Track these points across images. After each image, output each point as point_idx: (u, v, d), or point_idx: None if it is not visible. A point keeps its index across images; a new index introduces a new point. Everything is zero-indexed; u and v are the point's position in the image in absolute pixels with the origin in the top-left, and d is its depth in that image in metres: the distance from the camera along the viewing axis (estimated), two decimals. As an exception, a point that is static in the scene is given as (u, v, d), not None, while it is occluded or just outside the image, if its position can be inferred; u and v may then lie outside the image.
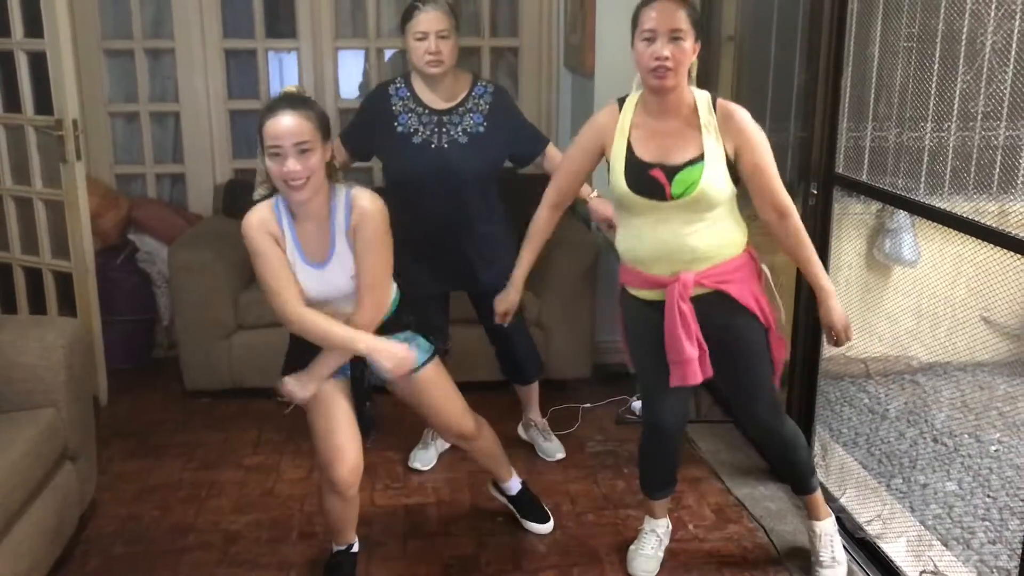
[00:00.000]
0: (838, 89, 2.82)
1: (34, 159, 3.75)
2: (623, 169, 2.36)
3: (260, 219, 2.33)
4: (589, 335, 3.90)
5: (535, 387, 3.38)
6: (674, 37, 2.23)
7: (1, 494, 2.28)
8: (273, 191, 2.38)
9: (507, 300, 2.74)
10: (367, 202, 2.34)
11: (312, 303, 2.36)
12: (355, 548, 2.68)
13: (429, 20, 2.84)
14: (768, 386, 2.53)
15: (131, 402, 3.87)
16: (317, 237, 2.34)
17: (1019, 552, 2.65)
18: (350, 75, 4.57)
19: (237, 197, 4.34)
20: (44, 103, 3.62)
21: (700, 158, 2.31)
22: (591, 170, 2.54)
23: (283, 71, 4.58)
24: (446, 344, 2.63)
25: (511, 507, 2.94)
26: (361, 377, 2.44)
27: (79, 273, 3.73)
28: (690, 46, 2.26)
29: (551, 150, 3.09)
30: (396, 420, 3.33)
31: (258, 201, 2.40)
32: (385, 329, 2.45)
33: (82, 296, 3.74)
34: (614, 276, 2.66)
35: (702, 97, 2.37)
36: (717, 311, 2.41)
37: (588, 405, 3.78)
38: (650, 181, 2.32)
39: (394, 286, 2.52)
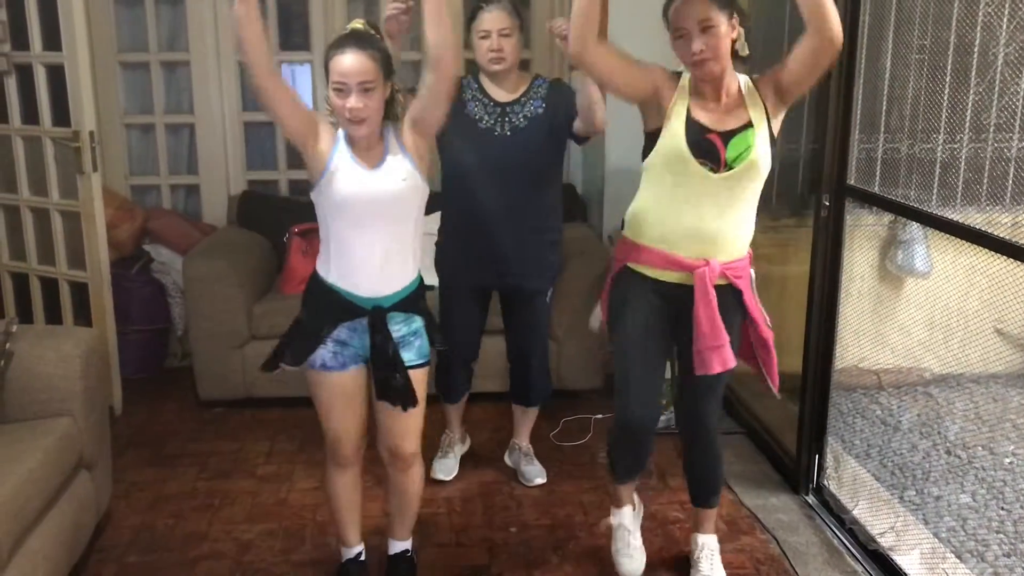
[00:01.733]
0: (850, 101, 2.83)
1: (51, 170, 3.78)
2: (683, 129, 2.34)
3: (324, 122, 2.38)
4: (601, 346, 3.90)
5: (533, 414, 3.36)
6: (704, 27, 2.25)
7: (18, 503, 2.30)
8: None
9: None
10: (407, 115, 2.38)
11: (357, 207, 2.33)
12: (363, 556, 2.68)
13: (492, 19, 2.91)
14: (721, 395, 2.57)
15: (145, 412, 3.90)
16: (369, 151, 2.36)
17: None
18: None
19: (251, 208, 4.38)
20: (61, 115, 3.66)
21: (749, 124, 2.34)
22: (638, 83, 2.41)
23: (297, 83, 4.62)
24: (444, 344, 2.61)
25: (387, 566, 2.73)
26: (384, 347, 2.39)
27: (95, 283, 3.76)
28: (724, 29, 2.27)
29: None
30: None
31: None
32: (406, 306, 2.43)
33: (97, 306, 3.77)
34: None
35: (743, 78, 2.40)
36: (725, 304, 2.43)
37: (600, 416, 3.78)
38: (708, 144, 2.33)
39: (418, 265, 2.50)
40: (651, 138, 2.42)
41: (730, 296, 2.45)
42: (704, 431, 2.61)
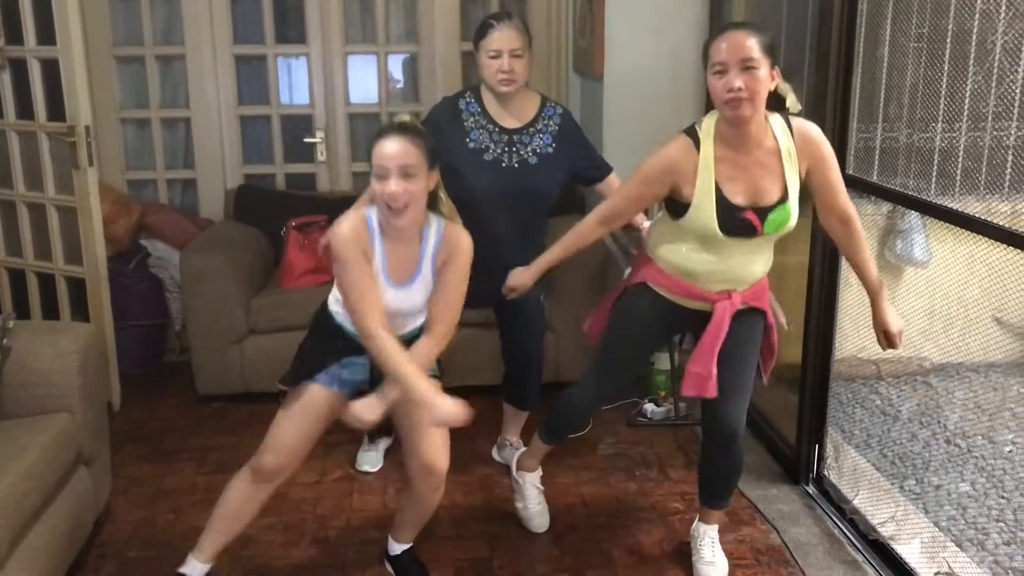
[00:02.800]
0: (848, 90, 2.82)
1: (47, 165, 3.77)
2: (715, 213, 2.31)
3: (354, 231, 2.31)
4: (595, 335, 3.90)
5: (525, 414, 3.35)
6: (746, 67, 2.20)
7: (16, 499, 2.29)
8: None
9: (522, 277, 2.78)
10: (464, 236, 2.39)
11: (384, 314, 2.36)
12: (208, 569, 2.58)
13: (503, 39, 2.82)
14: (748, 399, 2.55)
15: (144, 407, 3.89)
16: (404, 260, 2.36)
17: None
18: (360, 80, 4.58)
19: (248, 202, 4.37)
20: (56, 110, 3.65)
21: (786, 196, 2.33)
22: (652, 203, 2.54)
23: (293, 76, 4.61)
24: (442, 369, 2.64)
25: (389, 565, 2.74)
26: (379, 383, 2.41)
27: (92, 279, 3.75)
28: (765, 74, 2.22)
29: (613, 178, 3.09)
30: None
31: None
32: (412, 339, 2.43)
33: (95, 301, 3.76)
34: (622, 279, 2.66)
35: (776, 122, 2.34)
36: (746, 320, 2.47)
37: (599, 408, 3.78)
38: (743, 223, 2.32)
39: None
40: (677, 204, 2.39)
41: (752, 313, 2.49)
42: (726, 433, 2.53)
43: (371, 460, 3.34)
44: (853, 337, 3.18)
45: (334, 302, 2.47)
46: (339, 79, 4.49)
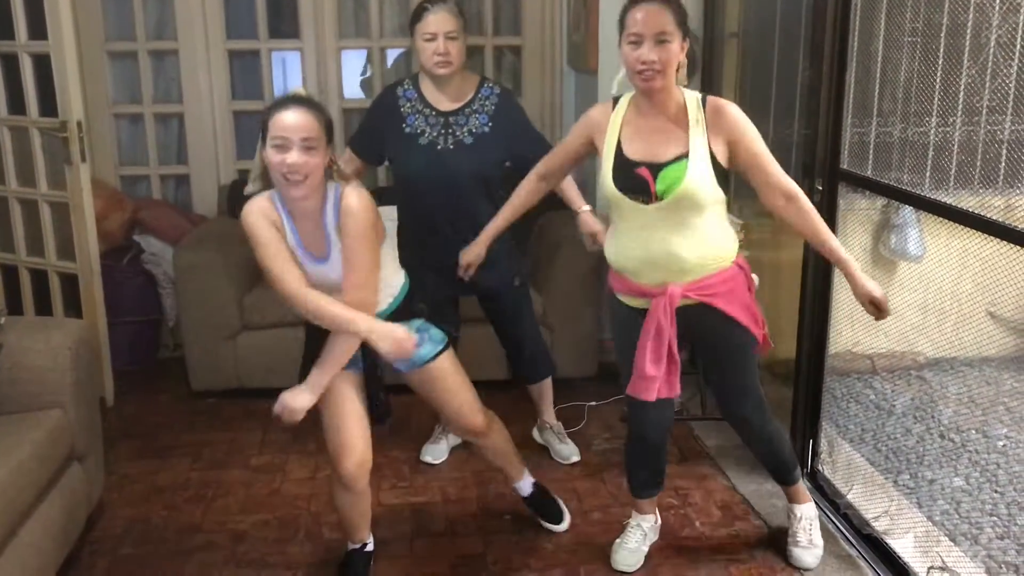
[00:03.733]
0: (842, 85, 2.82)
1: (39, 161, 3.75)
2: (611, 167, 2.37)
3: (260, 208, 2.34)
4: (594, 333, 3.90)
5: (548, 387, 3.37)
6: (660, 40, 2.23)
7: (9, 495, 2.28)
8: (264, 189, 2.39)
9: (471, 253, 2.83)
10: (353, 199, 2.31)
11: (324, 291, 2.35)
12: (369, 547, 2.69)
13: (438, 21, 2.85)
14: (754, 386, 2.55)
15: (137, 403, 3.88)
16: (315, 235, 2.35)
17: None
18: (353, 75, 4.57)
19: (241, 198, 4.34)
20: (48, 105, 3.63)
21: (684, 156, 2.31)
22: (583, 155, 2.55)
23: (286, 71, 4.59)
24: (457, 332, 2.63)
25: (527, 507, 2.92)
26: (374, 365, 2.44)
27: (84, 275, 3.74)
28: (676, 47, 2.26)
29: None
30: (402, 420, 3.34)
31: (248, 196, 2.40)
32: (396, 316, 2.44)
33: (87, 297, 3.75)
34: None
35: (691, 96, 2.37)
36: (703, 321, 2.43)
37: (594, 403, 3.78)
38: (636, 179, 2.33)
39: (402, 274, 2.52)
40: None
41: (708, 313, 2.41)
42: (743, 423, 2.61)
43: (435, 452, 3.34)
44: (847, 332, 3.18)
45: None
46: (333, 74, 4.48)
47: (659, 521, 2.84)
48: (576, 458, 3.34)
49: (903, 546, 2.68)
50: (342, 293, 2.34)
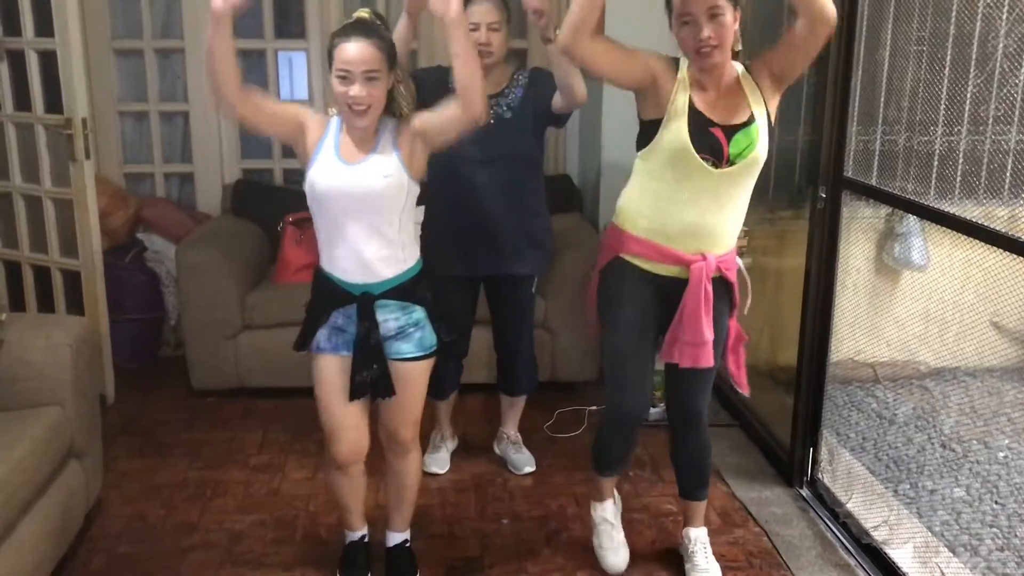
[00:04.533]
0: (847, 92, 2.81)
1: (44, 158, 3.76)
2: (687, 123, 2.28)
3: (314, 115, 2.40)
4: (595, 337, 3.89)
5: (521, 403, 3.35)
6: (713, 15, 2.20)
7: (7, 492, 2.28)
8: None
9: None
10: (413, 120, 2.36)
11: (330, 200, 2.34)
12: (367, 538, 2.69)
13: (482, 12, 2.87)
14: (713, 373, 2.53)
15: (138, 401, 3.88)
16: (359, 145, 2.35)
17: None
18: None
19: (245, 197, 4.36)
20: (54, 102, 3.63)
21: (752, 119, 2.30)
22: (636, 75, 2.34)
23: (293, 71, 4.59)
24: (451, 334, 2.58)
25: (385, 555, 2.72)
26: (367, 337, 2.39)
27: (87, 272, 3.74)
28: (730, 18, 2.22)
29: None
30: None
31: None
32: (400, 295, 2.41)
33: (90, 295, 3.75)
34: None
35: (739, 68, 2.35)
36: (718, 298, 2.42)
37: (594, 407, 3.77)
38: (711, 139, 2.28)
39: (418, 251, 2.50)
40: (649, 128, 2.35)
41: (723, 289, 2.44)
42: (693, 419, 2.58)
43: (439, 462, 3.33)
44: (849, 340, 3.18)
45: (318, 252, 2.47)
46: (338, 74, 4.47)
47: (619, 501, 2.85)
48: (530, 468, 3.30)
49: (902, 556, 2.67)
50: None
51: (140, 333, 4.25)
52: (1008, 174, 2.79)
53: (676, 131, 2.29)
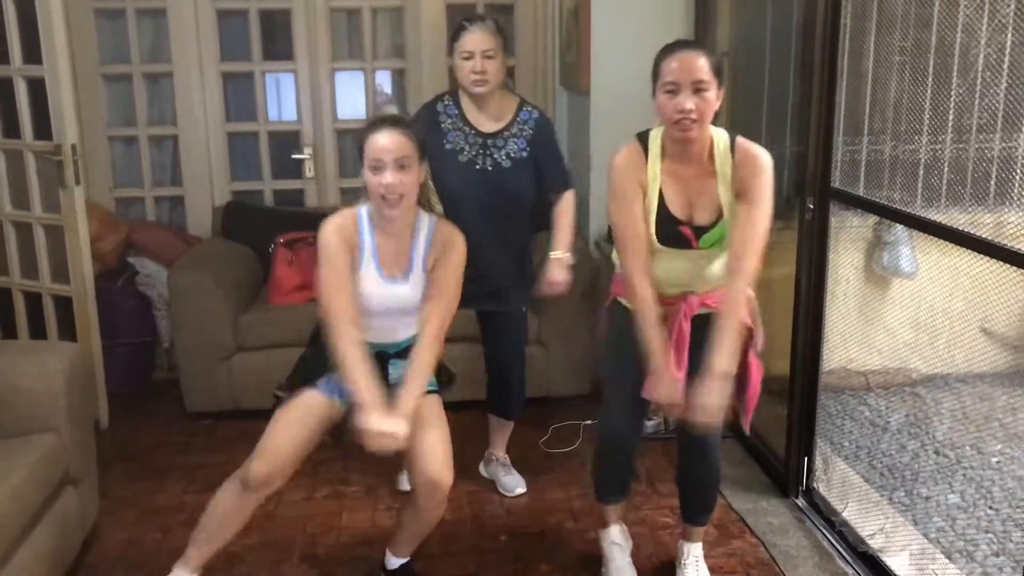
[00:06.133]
0: (832, 103, 2.84)
1: (33, 184, 3.76)
2: (655, 222, 2.35)
3: (339, 225, 2.38)
4: (589, 352, 3.90)
5: (511, 426, 3.35)
6: (697, 88, 2.21)
7: (2, 520, 2.27)
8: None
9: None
10: (456, 233, 2.45)
11: (374, 314, 2.39)
12: None
13: (475, 40, 2.87)
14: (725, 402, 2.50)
15: (132, 425, 3.87)
16: (397, 254, 2.39)
17: (1023, 564, 2.65)
18: (347, 96, 4.59)
19: (235, 219, 4.36)
20: (43, 128, 3.64)
21: (720, 217, 2.34)
22: (641, 217, 2.38)
23: (281, 93, 4.61)
24: (452, 382, 2.66)
25: None
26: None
27: (79, 297, 3.74)
28: (714, 95, 2.24)
29: (569, 196, 3.06)
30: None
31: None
32: (406, 354, 2.44)
33: (82, 320, 3.75)
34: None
35: (721, 139, 2.34)
36: (710, 328, 2.42)
37: (589, 422, 3.77)
38: (679, 236, 2.35)
39: None
40: None
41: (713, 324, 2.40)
42: (700, 445, 2.53)
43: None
44: (840, 349, 3.19)
45: None
46: (327, 95, 4.50)
47: (625, 527, 2.84)
48: (522, 489, 3.28)
49: (899, 564, 2.68)
50: (422, 322, 2.41)
51: (133, 357, 4.25)
52: (992, 182, 2.81)
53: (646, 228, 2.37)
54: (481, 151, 2.96)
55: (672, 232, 2.34)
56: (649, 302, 2.34)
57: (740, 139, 2.35)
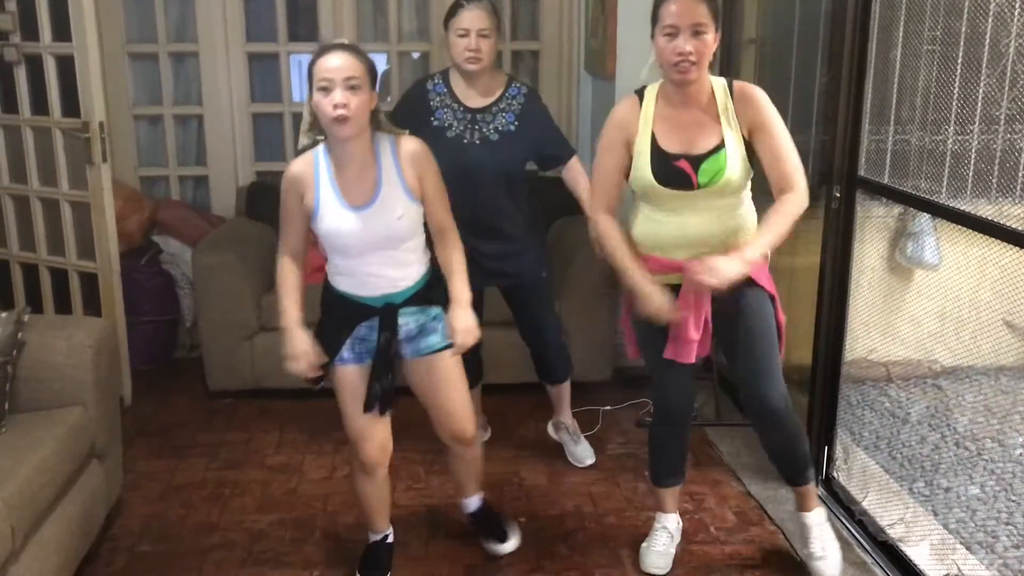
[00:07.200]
0: (861, 92, 2.82)
1: (61, 161, 3.79)
2: (649, 162, 2.38)
3: (296, 172, 2.39)
4: (609, 338, 3.90)
5: (566, 389, 3.39)
6: (696, 31, 2.26)
7: (31, 491, 2.31)
8: (316, 141, 2.41)
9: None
10: (415, 143, 2.42)
11: (353, 251, 2.38)
12: (390, 539, 2.72)
13: (472, 18, 2.90)
14: (780, 371, 2.52)
15: (155, 402, 3.91)
16: (360, 182, 2.36)
17: (1044, 556, 2.64)
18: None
19: (259, 199, 4.38)
20: (71, 106, 3.67)
21: (722, 145, 2.35)
22: (627, 165, 2.48)
23: (305, 74, 4.60)
24: (480, 379, 2.69)
25: (470, 524, 2.88)
26: (387, 346, 2.43)
27: (104, 274, 3.77)
28: (711, 38, 2.29)
29: (574, 162, 3.12)
30: (417, 423, 3.34)
31: (302, 151, 2.43)
32: (418, 300, 2.45)
33: (107, 297, 3.78)
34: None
35: (719, 83, 2.40)
36: (748, 296, 2.44)
37: (609, 408, 3.79)
38: (676, 172, 2.36)
39: (429, 257, 2.52)
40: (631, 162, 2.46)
41: (741, 290, 2.41)
42: (772, 414, 2.52)
43: None
44: (863, 339, 3.18)
45: (329, 276, 2.49)
46: (351, 77, 4.50)
47: (681, 523, 2.84)
48: (591, 460, 3.35)
49: (918, 554, 2.68)
50: (441, 231, 2.47)
51: (156, 335, 4.28)
52: (1020, 172, 2.79)
53: (641, 169, 2.40)
54: (469, 126, 2.99)
55: (669, 169, 2.36)
56: (611, 228, 2.47)
57: (736, 81, 2.41)
